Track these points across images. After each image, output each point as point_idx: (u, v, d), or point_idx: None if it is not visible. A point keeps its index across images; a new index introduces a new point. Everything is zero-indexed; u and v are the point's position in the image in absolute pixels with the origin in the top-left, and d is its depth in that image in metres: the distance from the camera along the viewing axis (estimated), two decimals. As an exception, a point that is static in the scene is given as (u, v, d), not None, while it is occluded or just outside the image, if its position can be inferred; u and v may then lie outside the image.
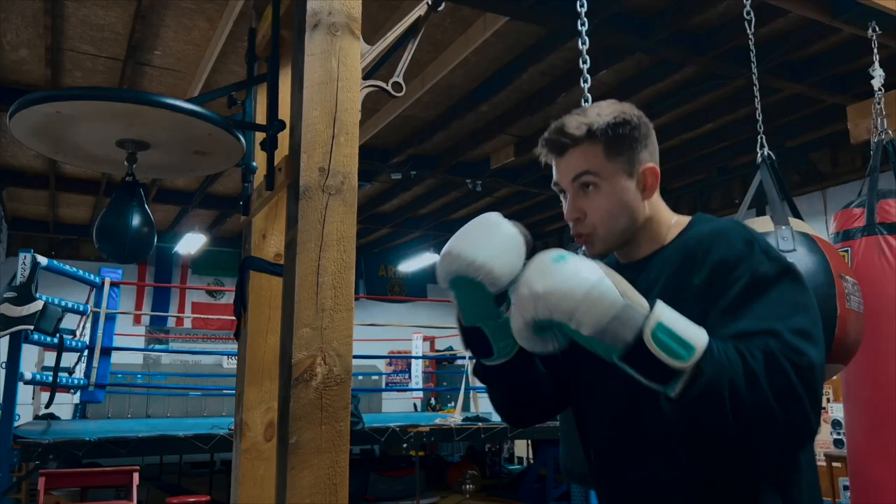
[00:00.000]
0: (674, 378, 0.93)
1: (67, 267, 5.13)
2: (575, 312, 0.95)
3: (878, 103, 2.92)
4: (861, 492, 2.66)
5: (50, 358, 5.16)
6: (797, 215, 2.30)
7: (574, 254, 1.01)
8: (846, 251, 2.68)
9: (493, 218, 1.14)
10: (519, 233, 1.12)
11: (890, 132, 2.88)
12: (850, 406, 2.75)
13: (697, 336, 0.94)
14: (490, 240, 1.10)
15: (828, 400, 6.89)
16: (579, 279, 0.95)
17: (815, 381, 0.95)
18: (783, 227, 2.10)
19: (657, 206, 1.23)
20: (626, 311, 0.94)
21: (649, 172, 1.21)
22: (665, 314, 0.95)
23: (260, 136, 1.72)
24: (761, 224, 2.18)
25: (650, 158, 1.22)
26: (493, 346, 1.16)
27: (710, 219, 1.21)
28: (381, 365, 10.67)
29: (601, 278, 0.95)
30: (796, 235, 2.08)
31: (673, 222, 1.23)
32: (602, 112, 1.19)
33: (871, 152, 2.84)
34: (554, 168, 1.22)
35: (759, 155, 2.40)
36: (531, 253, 1.09)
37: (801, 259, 2.03)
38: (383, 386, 10.63)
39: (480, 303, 1.13)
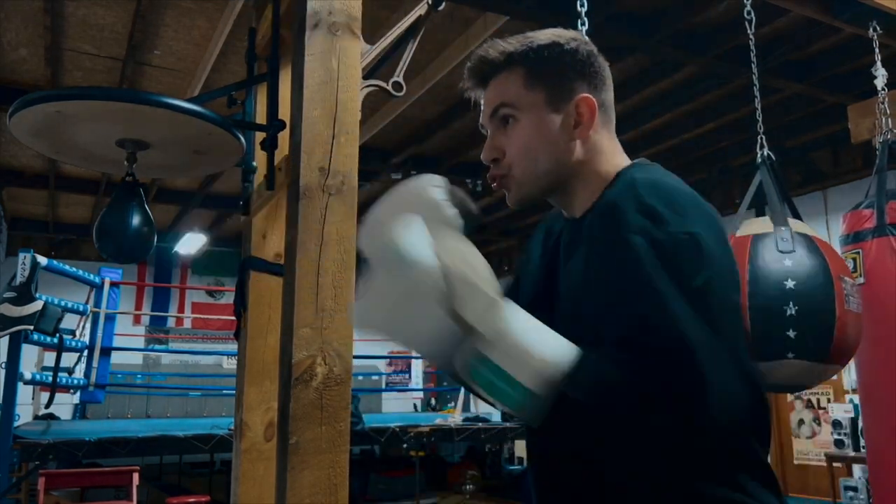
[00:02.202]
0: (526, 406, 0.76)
1: (67, 267, 5.13)
2: (391, 328, 0.79)
3: (882, 103, 2.91)
4: (883, 494, 2.62)
5: (50, 358, 5.15)
6: (797, 216, 2.30)
7: (419, 225, 0.79)
8: (857, 253, 2.66)
9: (426, 195, 0.89)
10: (458, 214, 0.90)
11: (894, 132, 2.87)
12: (868, 408, 2.73)
13: (538, 367, 0.75)
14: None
15: (828, 400, 6.89)
16: (397, 278, 0.77)
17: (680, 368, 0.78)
18: (782, 228, 2.10)
19: (598, 148, 1.01)
20: (446, 331, 0.76)
21: (583, 104, 0.99)
22: (498, 342, 0.76)
23: (260, 136, 1.72)
24: (761, 225, 2.18)
25: (587, 89, 1.00)
26: None
27: (631, 175, 0.97)
28: (381, 365, 10.66)
29: (425, 273, 0.76)
30: (796, 236, 2.08)
31: (610, 175, 1.00)
32: (532, 35, 1.01)
33: (877, 152, 2.83)
34: (480, 105, 1.05)
35: (758, 155, 2.39)
36: (474, 229, 0.90)
37: (800, 260, 2.03)
38: (383, 386, 10.63)
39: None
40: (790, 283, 1.98)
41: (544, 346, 0.77)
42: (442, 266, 0.76)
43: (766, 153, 2.38)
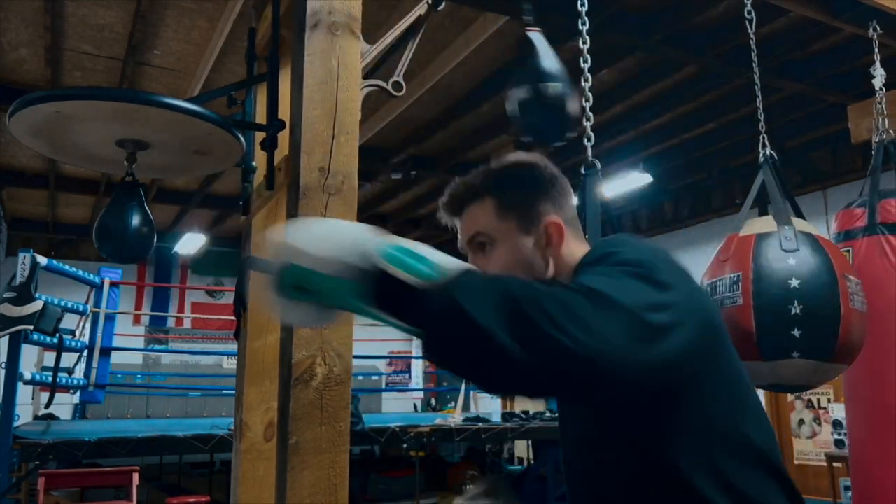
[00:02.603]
0: (423, 307, 0.78)
1: (67, 267, 5.13)
2: (309, 249, 0.82)
3: (880, 103, 2.92)
4: (863, 492, 2.66)
5: (49, 358, 5.15)
6: (799, 215, 2.30)
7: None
8: (847, 251, 2.67)
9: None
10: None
11: (891, 132, 2.87)
12: (852, 406, 2.75)
13: (448, 260, 0.82)
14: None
15: (828, 400, 6.89)
16: (323, 223, 0.88)
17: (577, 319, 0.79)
18: (786, 227, 2.10)
19: (567, 258, 1.08)
20: (364, 237, 0.83)
21: (552, 227, 1.07)
22: (408, 241, 0.84)
23: (260, 136, 1.72)
24: (764, 224, 2.18)
25: (553, 210, 1.08)
26: None
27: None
28: (381, 365, 10.66)
29: (355, 227, 0.85)
30: (799, 235, 2.07)
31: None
32: (496, 165, 1.12)
33: (873, 152, 2.84)
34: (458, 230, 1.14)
35: (760, 154, 2.39)
36: None
37: (804, 259, 2.02)
38: (383, 386, 10.63)
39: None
40: (794, 283, 1.98)
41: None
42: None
43: (768, 152, 2.38)
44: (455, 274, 0.80)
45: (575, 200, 1.15)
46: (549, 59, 2.03)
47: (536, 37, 2.06)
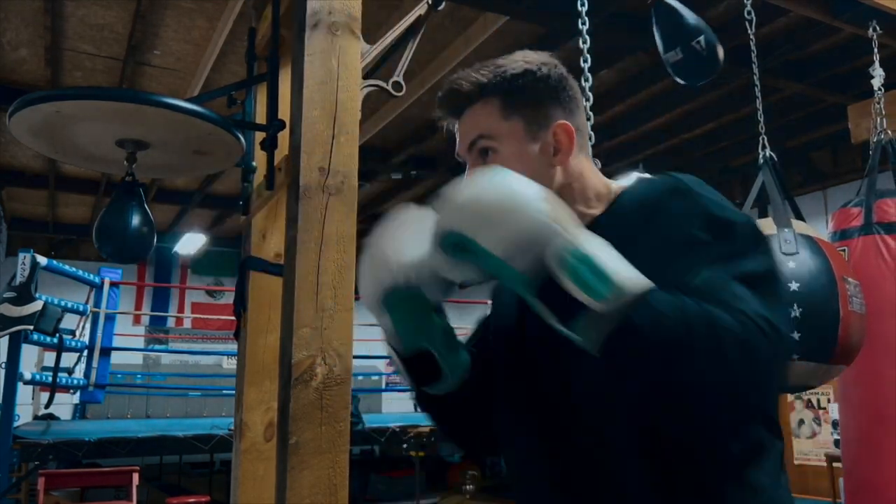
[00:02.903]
0: (590, 323, 0.74)
1: (67, 267, 5.13)
2: (482, 229, 0.77)
3: (878, 103, 2.92)
4: (855, 492, 2.66)
5: (49, 358, 5.16)
6: (799, 216, 2.30)
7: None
8: (843, 250, 2.68)
9: (416, 212, 0.95)
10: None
11: (889, 132, 2.88)
12: (845, 406, 2.75)
13: (628, 275, 0.75)
14: (424, 237, 0.88)
15: (828, 400, 6.89)
16: (502, 189, 0.78)
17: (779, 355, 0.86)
18: (786, 230, 2.10)
19: (579, 170, 1.00)
20: (543, 234, 0.76)
21: (561, 131, 0.98)
22: (590, 243, 0.76)
23: (260, 136, 1.72)
24: (764, 226, 2.18)
25: (563, 115, 0.99)
26: (442, 366, 0.96)
27: (646, 181, 1.00)
28: (381, 365, 10.65)
29: (533, 196, 0.78)
30: (799, 238, 2.08)
31: (605, 190, 1.01)
32: (503, 64, 1.00)
33: (870, 152, 2.85)
34: (455, 135, 1.03)
35: (760, 156, 2.40)
36: None
37: (803, 261, 2.03)
38: (383, 386, 10.63)
39: (420, 317, 0.94)
40: (794, 286, 1.99)
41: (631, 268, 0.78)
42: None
43: (768, 154, 2.38)
44: (631, 298, 0.74)
45: (583, 111, 1.06)
46: (687, 14, 2.51)
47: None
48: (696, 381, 0.76)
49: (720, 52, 2.37)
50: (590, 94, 2.08)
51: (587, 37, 2.10)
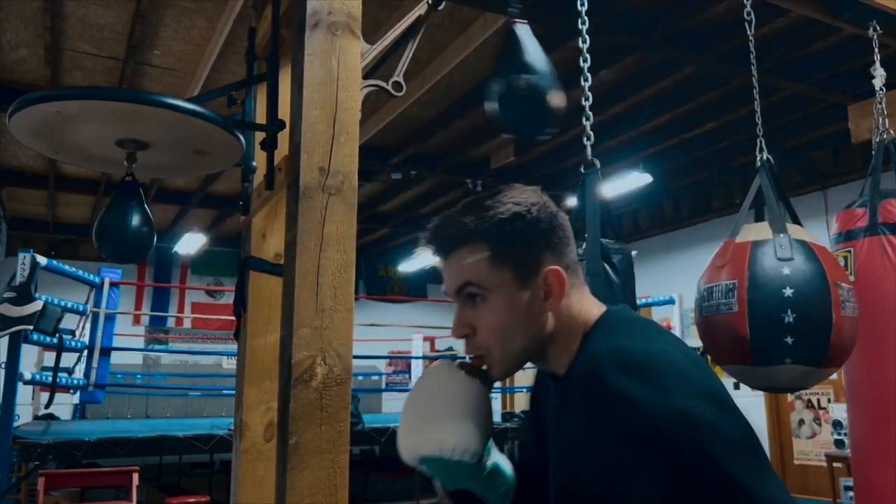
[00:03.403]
0: None
1: (67, 267, 5.13)
2: None
3: (880, 103, 2.91)
4: (864, 493, 2.65)
5: (49, 358, 5.15)
6: (795, 220, 2.31)
7: None
8: (849, 251, 2.68)
9: (446, 374, 0.99)
10: (479, 383, 0.98)
11: (891, 132, 2.87)
12: (853, 407, 2.75)
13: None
14: (454, 408, 0.95)
15: (828, 400, 6.89)
16: None
17: None
18: (781, 236, 2.12)
19: (569, 312, 0.98)
20: None
21: (552, 276, 0.95)
22: None
23: (260, 136, 1.72)
24: (760, 230, 2.19)
25: (553, 259, 0.97)
26: (489, 500, 1.01)
27: (597, 332, 0.97)
28: (381, 365, 10.66)
29: None
30: (794, 243, 2.10)
31: (585, 325, 0.99)
32: (492, 206, 0.97)
33: (873, 152, 2.84)
34: (442, 272, 1.02)
35: (758, 159, 2.40)
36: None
37: (798, 267, 2.06)
38: (383, 386, 10.63)
39: (460, 471, 0.98)
40: (788, 292, 2.01)
41: None
42: None
43: (765, 157, 2.38)
44: None
45: (573, 247, 1.03)
46: (530, 51, 1.92)
47: (521, 29, 1.95)
48: None
49: (553, 101, 1.89)
50: (589, 94, 2.09)
51: (587, 37, 2.10)
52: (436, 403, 0.98)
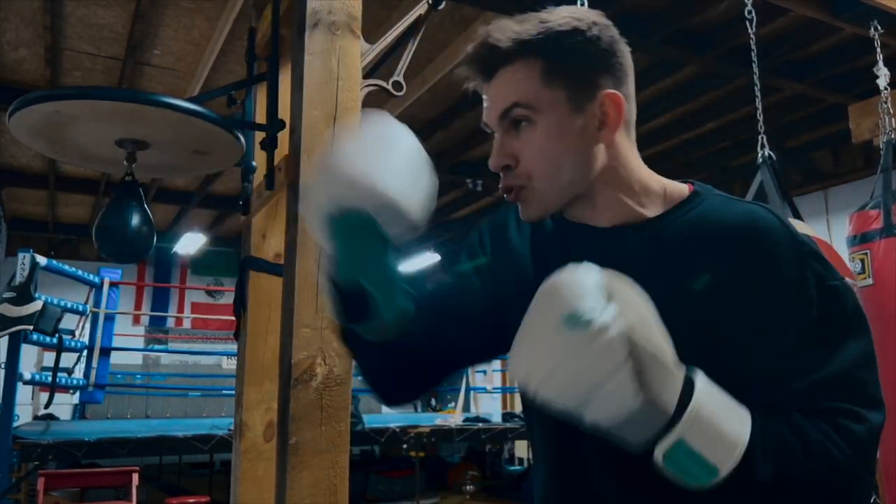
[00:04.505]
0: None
1: (67, 267, 5.13)
2: (576, 405, 0.67)
3: (885, 102, 2.90)
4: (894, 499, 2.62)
5: (49, 358, 5.15)
6: (797, 216, 2.30)
7: (594, 315, 0.65)
8: (865, 254, 2.64)
9: (390, 124, 0.81)
10: (421, 148, 0.82)
11: (897, 131, 2.86)
12: None
13: (730, 447, 0.70)
14: (395, 158, 0.77)
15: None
16: (584, 364, 0.65)
17: (873, 454, 0.78)
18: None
19: (624, 153, 0.87)
20: (641, 415, 0.67)
21: (609, 101, 0.84)
22: (694, 426, 0.68)
23: (260, 136, 1.72)
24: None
25: (612, 84, 0.86)
26: (381, 313, 0.80)
27: (722, 197, 0.88)
28: (380, 365, 10.64)
29: (618, 365, 0.65)
30: None
31: (657, 187, 0.89)
32: (549, 18, 0.86)
33: (881, 152, 2.82)
34: (483, 99, 0.89)
35: (759, 155, 2.39)
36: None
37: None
38: (383, 386, 10.61)
39: (369, 249, 0.79)
40: None
41: (735, 422, 0.71)
42: (628, 335, 0.66)
43: (767, 153, 2.37)
44: (733, 474, 0.69)
45: (633, 83, 0.91)
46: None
47: None
48: None
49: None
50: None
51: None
52: (378, 150, 0.77)
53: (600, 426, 0.68)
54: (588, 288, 0.66)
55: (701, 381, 0.71)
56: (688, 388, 0.69)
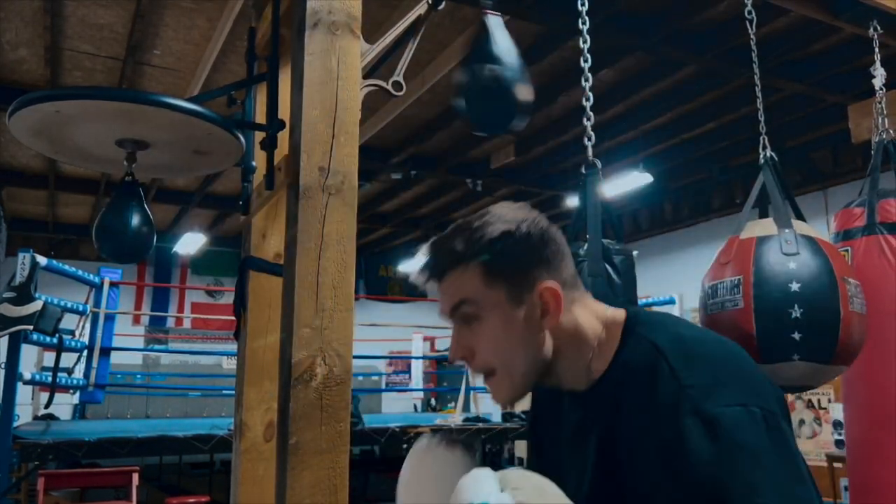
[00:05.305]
0: None
1: (67, 267, 5.13)
2: None
3: (880, 103, 2.91)
4: (859, 492, 2.65)
5: (49, 358, 5.15)
6: (800, 216, 2.30)
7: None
8: (846, 251, 2.67)
9: (430, 459, 1.01)
10: (462, 456, 1.00)
11: (891, 132, 2.87)
12: (850, 406, 2.75)
13: None
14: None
15: (829, 400, 6.89)
16: None
17: None
18: (786, 231, 2.10)
19: (573, 326, 0.97)
20: None
21: (547, 294, 0.94)
22: None
23: (260, 136, 1.72)
24: (765, 226, 2.17)
25: (548, 273, 0.96)
26: None
27: (641, 328, 0.96)
28: (381, 365, 10.66)
29: None
30: (799, 238, 2.07)
31: (605, 336, 0.98)
32: (481, 226, 0.96)
33: (872, 152, 2.84)
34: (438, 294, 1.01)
35: (761, 156, 2.39)
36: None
37: (804, 262, 2.03)
38: (383, 386, 10.63)
39: None
40: (795, 286, 1.98)
41: None
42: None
43: (768, 154, 2.37)
44: None
45: (570, 260, 1.02)
46: (499, 43, 1.80)
47: (493, 20, 1.84)
48: None
49: (520, 94, 1.79)
50: (590, 94, 2.08)
51: (587, 37, 2.10)
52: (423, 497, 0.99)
53: None
54: (483, 481, 0.81)
55: None
56: None
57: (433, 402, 10.50)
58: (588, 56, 2.09)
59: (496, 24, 1.81)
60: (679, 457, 0.81)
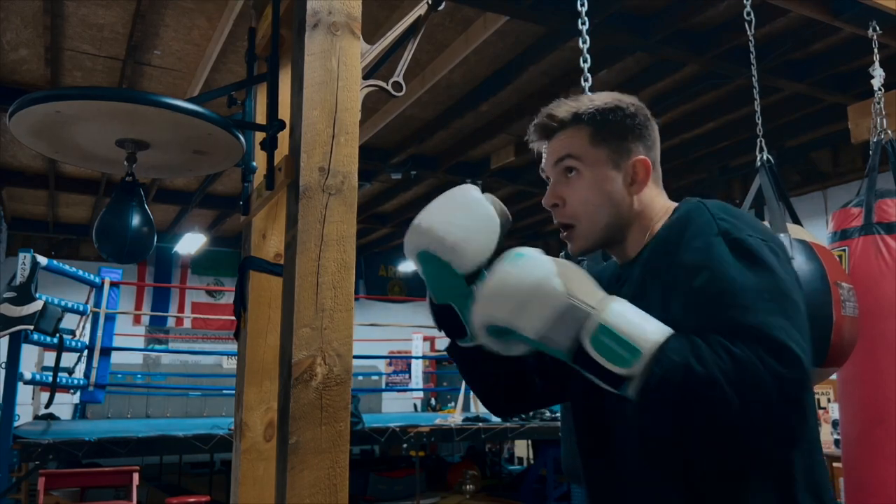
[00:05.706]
0: (624, 382, 0.86)
1: (67, 267, 5.13)
2: (515, 317, 0.89)
3: (878, 103, 2.91)
4: (854, 492, 2.66)
5: (50, 358, 5.15)
6: (796, 219, 2.31)
7: (537, 252, 0.94)
8: (843, 250, 2.67)
9: (470, 193, 1.08)
10: (495, 212, 1.06)
11: (889, 132, 2.87)
12: (845, 405, 2.75)
13: (646, 336, 0.86)
14: (463, 217, 1.05)
15: (828, 400, 6.89)
16: (521, 280, 0.89)
17: (793, 384, 0.87)
18: (781, 235, 2.11)
19: (650, 201, 1.13)
20: (568, 313, 0.87)
21: (639, 165, 1.12)
22: (612, 314, 0.87)
23: (260, 136, 1.72)
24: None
25: (644, 151, 1.13)
26: (466, 327, 1.08)
27: (688, 203, 1.11)
28: (381, 365, 10.66)
29: (546, 276, 0.89)
30: (794, 243, 2.09)
31: (661, 214, 1.14)
32: (596, 98, 1.14)
33: (871, 152, 2.84)
34: (543, 154, 1.16)
35: (758, 159, 2.39)
36: (507, 232, 1.06)
37: (798, 267, 2.04)
38: (383, 386, 10.63)
39: (449, 281, 1.06)
40: None
41: (652, 321, 0.89)
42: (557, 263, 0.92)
43: (765, 157, 2.38)
44: (652, 358, 0.85)
45: (658, 149, 1.20)
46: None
47: None
48: (710, 422, 0.88)
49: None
50: (590, 94, 2.08)
51: (587, 37, 2.10)
52: (448, 210, 1.07)
53: (531, 335, 0.89)
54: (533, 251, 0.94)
55: (610, 299, 0.90)
56: (609, 301, 0.90)
57: (433, 401, 10.50)
58: (588, 56, 2.09)
59: None
60: (704, 265, 0.94)
